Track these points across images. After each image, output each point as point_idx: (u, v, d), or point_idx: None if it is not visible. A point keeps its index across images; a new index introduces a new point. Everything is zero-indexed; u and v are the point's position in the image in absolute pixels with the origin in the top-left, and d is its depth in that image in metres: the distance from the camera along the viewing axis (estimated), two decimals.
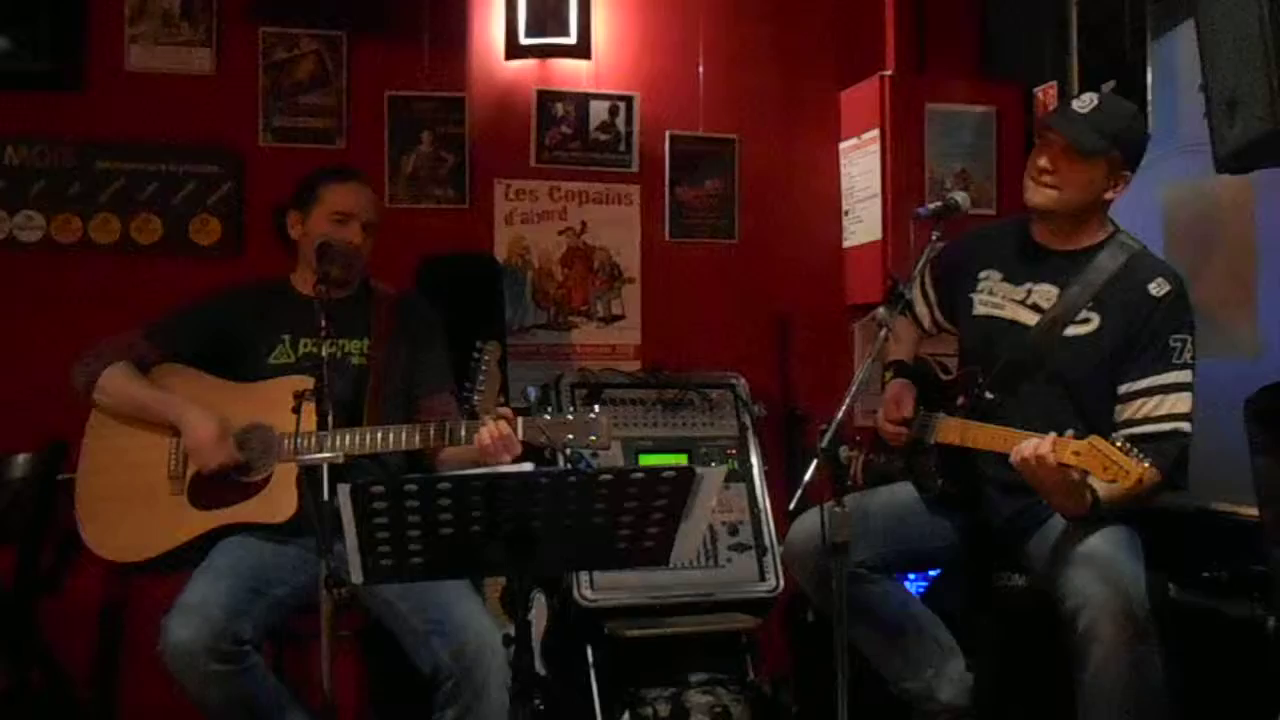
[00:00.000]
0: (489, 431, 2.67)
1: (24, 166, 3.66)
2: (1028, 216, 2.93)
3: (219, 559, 2.74)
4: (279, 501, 2.77)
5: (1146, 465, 2.41)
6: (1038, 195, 2.84)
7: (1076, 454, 2.46)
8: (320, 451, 2.38)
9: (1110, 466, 2.42)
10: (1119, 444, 2.44)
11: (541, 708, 2.82)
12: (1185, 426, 2.68)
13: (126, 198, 3.73)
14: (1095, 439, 2.45)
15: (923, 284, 3.14)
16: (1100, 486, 2.53)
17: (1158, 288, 2.76)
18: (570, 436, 2.71)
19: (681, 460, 3.62)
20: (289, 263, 3.13)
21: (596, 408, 2.76)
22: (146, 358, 2.94)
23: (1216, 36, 2.72)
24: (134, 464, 2.88)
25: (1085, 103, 2.82)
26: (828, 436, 2.45)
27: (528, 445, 2.72)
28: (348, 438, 2.72)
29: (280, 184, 3.58)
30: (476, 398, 2.74)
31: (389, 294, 3.13)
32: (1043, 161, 2.80)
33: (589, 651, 3.39)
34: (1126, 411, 2.72)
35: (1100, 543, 2.63)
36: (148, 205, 3.74)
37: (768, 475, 3.73)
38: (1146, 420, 2.69)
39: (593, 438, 2.71)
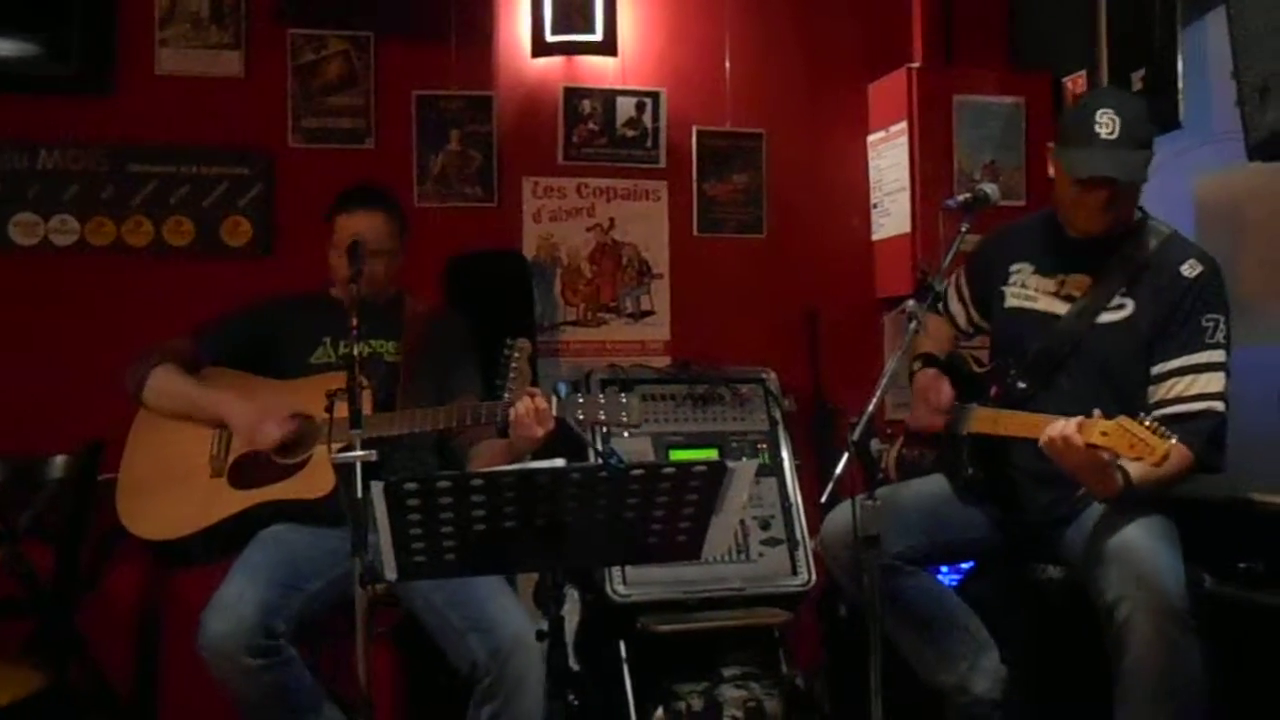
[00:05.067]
0: (523, 404, 2.71)
1: (57, 170, 3.69)
2: (1055, 209, 2.92)
3: (255, 555, 2.78)
4: (317, 479, 2.83)
5: (1172, 442, 2.39)
6: (1099, 226, 2.78)
7: (1104, 434, 2.44)
8: (356, 443, 2.39)
9: (1136, 444, 2.40)
10: (1147, 423, 2.42)
11: (576, 703, 2.84)
12: (1218, 406, 2.66)
13: (158, 200, 3.76)
14: (1123, 419, 2.43)
15: (958, 284, 3.14)
16: (1131, 467, 2.52)
17: (1190, 269, 2.75)
18: (602, 415, 2.75)
19: (712, 455, 3.62)
20: (324, 265, 3.18)
21: (625, 394, 2.81)
22: (194, 360, 3.04)
23: (1248, 22, 2.70)
24: (176, 450, 2.95)
25: (1108, 125, 2.69)
26: (859, 430, 2.45)
27: (559, 422, 2.76)
28: (380, 421, 2.78)
29: (310, 185, 3.63)
30: (506, 395, 2.76)
31: (421, 307, 3.23)
32: (1102, 202, 2.73)
33: (622, 647, 3.39)
34: (1159, 392, 2.71)
35: (1138, 534, 2.61)
36: (179, 208, 3.77)
37: (799, 469, 3.72)
38: (1178, 400, 2.68)
39: (624, 417, 2.75)
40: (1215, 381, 2.67)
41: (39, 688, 2.86)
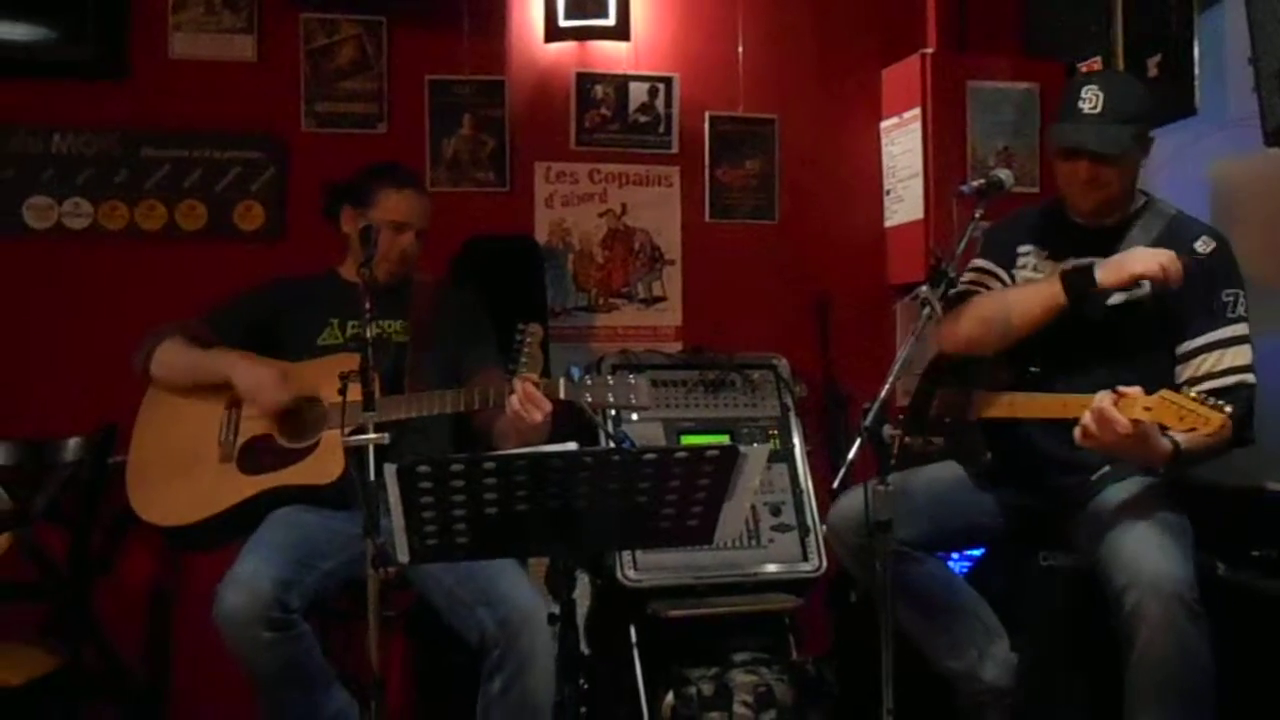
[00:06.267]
0: (516, 396, 2.71)
1: (71, 155, 3.70)
2: (1062, 196, 2.91)
3: (269, 532, 2.79)
4: (327, 463, 2.83)
5: (1227, 410, 2.37)
6: (1087, 202, 2.82)
7: (1147, 409, 2.42)
8: (366, 426, 2.39)
9: (1187, 416, 2.37)
10: (1193, 395, 2.41)
11: (586, 687, 2.84)
12: (1249, 378, 2.66)
13: (171, 184, 3.77)
14: (1165, 392, 2.42)
15: (980, 271, 3.11)
16: (1181, 436, 2.49)
17: (1204, 245, 2.75)
18: (612, 398, 2.75)
19: (724, 441, 3.62)
20: (335, 248, 3.19)
21: (634, 376, 2.81)
22: (204, 341, 3.04)
23: (1266, 8, 2.69)
24: (185, 434, 2.95)
25: (1091, 100, 2.75)
26: (871, 415, 2.44)
27: (570, 405, 2.76)
28: (390, 404, 2.78)
29: (323, 169, 3.62)
30: (517, 380, 2.76)
31: (428, 282, 3.21)
32: (1084, 175, 2.78)
33: (632, 631, 3.40)
34: (1187, 370, 2.70)
35: (1149, 524, 2.60)
36: (192, 192, 3.78)
37: (810, 455, 3.72)
38: (1209, 376, 2.67)
39: (633, 399, 2.76)
40: (1243, 354, 2.68)
41: (53, 668, 2.88)
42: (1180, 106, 3.42)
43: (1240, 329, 2.70)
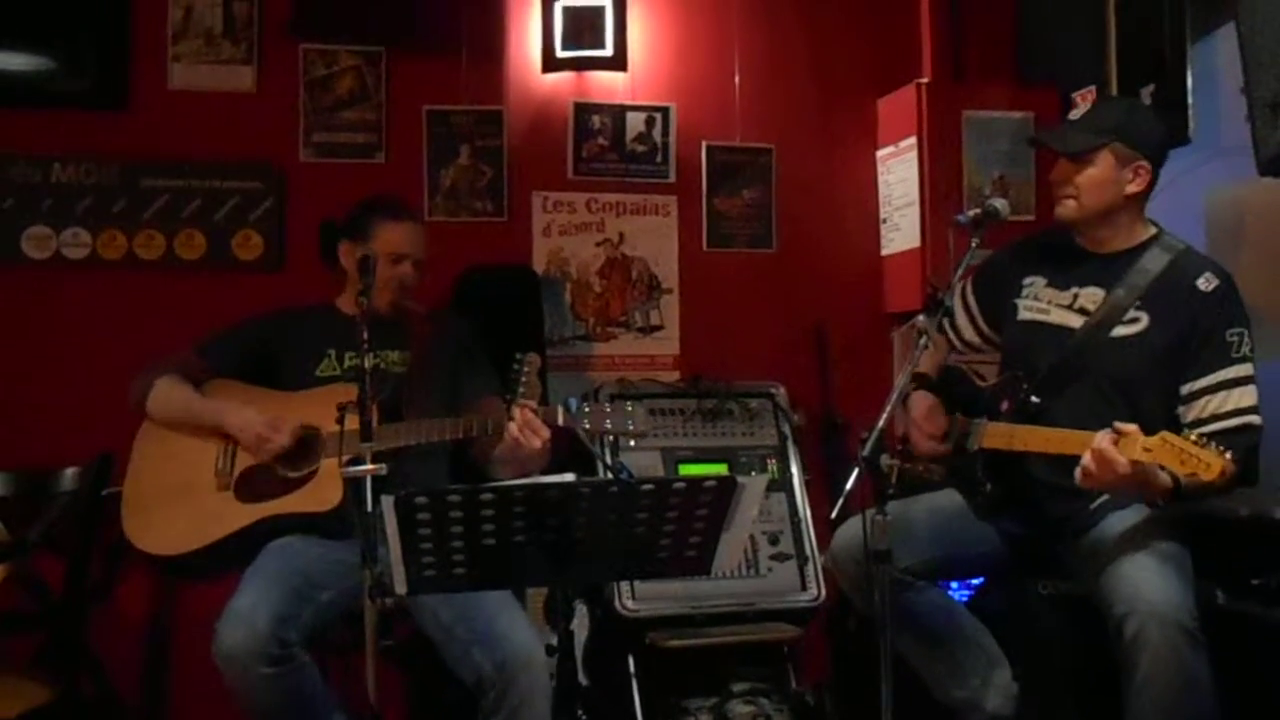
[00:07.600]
0: (515, 423, 2.71)
1: (70, 184, 3.71)
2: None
3: (267, 564, 2.78)
4: (325, 491, 2.83)
5: (1227, 457, 2.36)
6: (1060, 209, 2.87)
7: (1147, 450, 2.41)
8: (364, 455, 2.39)
9: (1188, 460, 2.37)
10: (1193, 438, 2.40)
11: (584, 718, 2.83)
12: (1254, 419, 2.65)
13: (170, 214, 3.78)
14: (1166, 434, 2.41)
15: (964, 296, 3.12)
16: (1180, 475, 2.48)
17: (1206, 283, 2.74)
18: (608, 425, 2.77)
19: (721, 470, 3.62)
20: (333, 282, 3.20)
21: (631, 403, 2.82)
22: (199, 374, 3.05)
23: (1258, 38, 2.71)
24: (181, 464, 2.95)
25: (1079, 111, 2.90)
26: (869, 445, 2.44)
27: (569, 436, 2.77)
28: (388, 433, 2.78)
29: (321, 199, 3.64)
30: (515, 409, 2.76)
31: (422, 312, 3.23)
32: (1053, 176, 2.85)
33: (631, 661, 3.39)
34: (1192, 411, 2.69)
35: (1148, 551, 2.60)
36: (191, 221, 3.79)
37: (808, 484, 3.72)
38: (1214, 418, 2.65)
39: (630, 425, 2.78)
40: (1248, 395, 2.66)
41: (48, 700, 2.86)
42: (1174, 135, 3.43)
43: (1245, 369, 2.68)
